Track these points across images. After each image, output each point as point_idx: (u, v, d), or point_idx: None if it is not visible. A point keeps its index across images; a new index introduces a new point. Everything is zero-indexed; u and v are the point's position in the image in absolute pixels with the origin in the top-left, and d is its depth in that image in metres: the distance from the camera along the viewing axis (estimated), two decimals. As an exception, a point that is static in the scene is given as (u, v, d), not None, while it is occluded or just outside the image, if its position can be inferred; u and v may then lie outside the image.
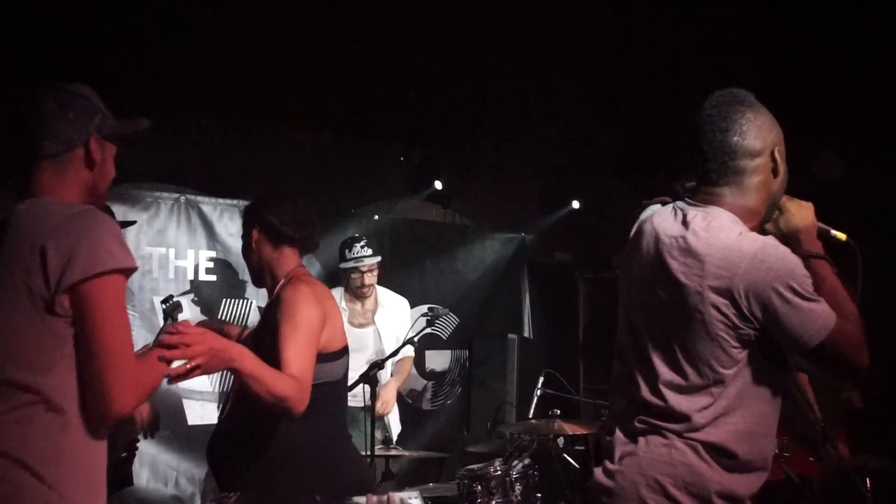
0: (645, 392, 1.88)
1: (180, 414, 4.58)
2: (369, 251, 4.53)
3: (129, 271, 1.86)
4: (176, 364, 2.10)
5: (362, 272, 4.52)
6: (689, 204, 1.93)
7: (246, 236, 2.83)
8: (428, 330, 4.53)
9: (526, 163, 6.22)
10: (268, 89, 4.55)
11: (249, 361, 2.33)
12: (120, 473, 3.02)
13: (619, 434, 1.92)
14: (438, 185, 5.75)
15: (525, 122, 5.20)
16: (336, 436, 2.82)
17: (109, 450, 2.88)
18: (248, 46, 4.08)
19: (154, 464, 4.43)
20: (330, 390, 2.74)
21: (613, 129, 5.23)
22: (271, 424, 2.65)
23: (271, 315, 2.68)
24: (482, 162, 5.96)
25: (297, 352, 2.50)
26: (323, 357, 2.65)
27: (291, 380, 2.43)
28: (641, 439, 1.86)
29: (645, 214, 2.04)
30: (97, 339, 1.79)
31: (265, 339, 2.64)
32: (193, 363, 2.12)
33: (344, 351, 2.81)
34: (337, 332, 2.75)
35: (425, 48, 4.22)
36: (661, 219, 1.96)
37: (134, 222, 3.80)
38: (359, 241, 4.53)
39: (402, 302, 4.85)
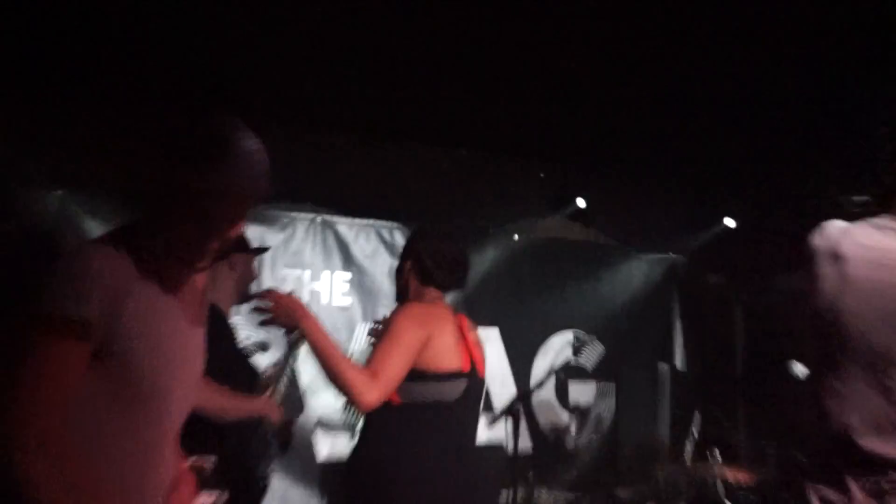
0: None
1: (310, 448, 4.52)
2: None
3: (63, 322, 1.44)
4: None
5: None
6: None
7: (402, 261, 3.03)
8: (572, 360, 4.33)
9: (674, 177, 5.85)
10: (404, 107, 4.47)
11: (317, 331, 2.55)
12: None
13: (856, 492, 1.69)
14: (581, 202, 5.48)
15: (672, 134, 4.86)
16: (456, 461, 2.77)
17: (250, 477, 2.89)
18: (384, 64, 3.98)
19: (285, 498, 4.35)
20: (444, 412, 2.75)
21: (768, 142, 4.80)
22: (390, 448, 2.71)
23: None
24: (626, 177, 5.64)
25: (383, 354, 2.64)
26: (429, 375, 2.71)
27: (365, 372, 2.57)
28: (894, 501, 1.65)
29: (819, 237, 1.81)
30: None
31: None
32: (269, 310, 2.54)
33: (459, 374, 2.80)
34: (447, 353, 2.78)
35: (565, 63, 3.99)
36: (868, 239, 1.74)
37: (267, 248, 3.77)
38: None
39: None
